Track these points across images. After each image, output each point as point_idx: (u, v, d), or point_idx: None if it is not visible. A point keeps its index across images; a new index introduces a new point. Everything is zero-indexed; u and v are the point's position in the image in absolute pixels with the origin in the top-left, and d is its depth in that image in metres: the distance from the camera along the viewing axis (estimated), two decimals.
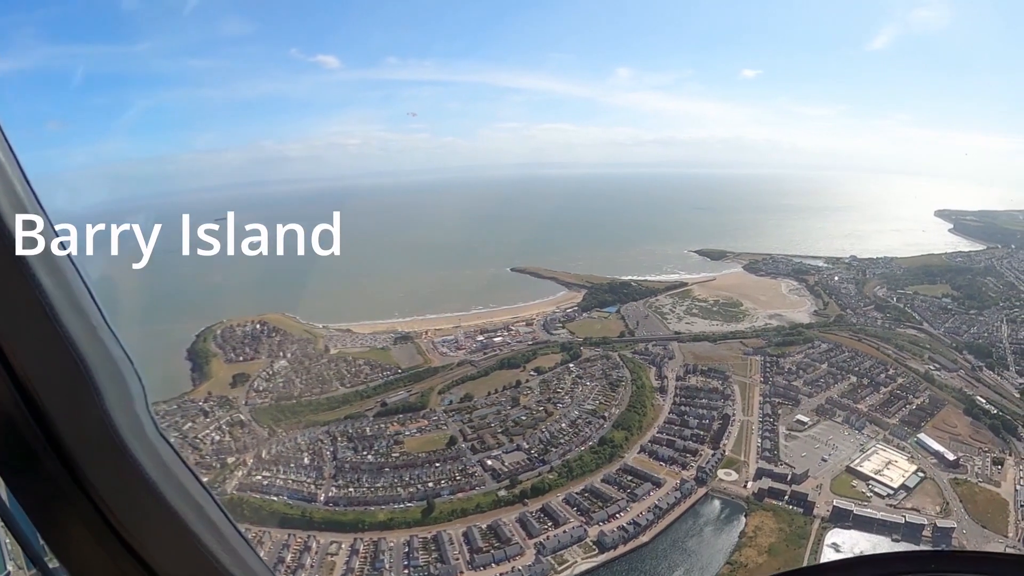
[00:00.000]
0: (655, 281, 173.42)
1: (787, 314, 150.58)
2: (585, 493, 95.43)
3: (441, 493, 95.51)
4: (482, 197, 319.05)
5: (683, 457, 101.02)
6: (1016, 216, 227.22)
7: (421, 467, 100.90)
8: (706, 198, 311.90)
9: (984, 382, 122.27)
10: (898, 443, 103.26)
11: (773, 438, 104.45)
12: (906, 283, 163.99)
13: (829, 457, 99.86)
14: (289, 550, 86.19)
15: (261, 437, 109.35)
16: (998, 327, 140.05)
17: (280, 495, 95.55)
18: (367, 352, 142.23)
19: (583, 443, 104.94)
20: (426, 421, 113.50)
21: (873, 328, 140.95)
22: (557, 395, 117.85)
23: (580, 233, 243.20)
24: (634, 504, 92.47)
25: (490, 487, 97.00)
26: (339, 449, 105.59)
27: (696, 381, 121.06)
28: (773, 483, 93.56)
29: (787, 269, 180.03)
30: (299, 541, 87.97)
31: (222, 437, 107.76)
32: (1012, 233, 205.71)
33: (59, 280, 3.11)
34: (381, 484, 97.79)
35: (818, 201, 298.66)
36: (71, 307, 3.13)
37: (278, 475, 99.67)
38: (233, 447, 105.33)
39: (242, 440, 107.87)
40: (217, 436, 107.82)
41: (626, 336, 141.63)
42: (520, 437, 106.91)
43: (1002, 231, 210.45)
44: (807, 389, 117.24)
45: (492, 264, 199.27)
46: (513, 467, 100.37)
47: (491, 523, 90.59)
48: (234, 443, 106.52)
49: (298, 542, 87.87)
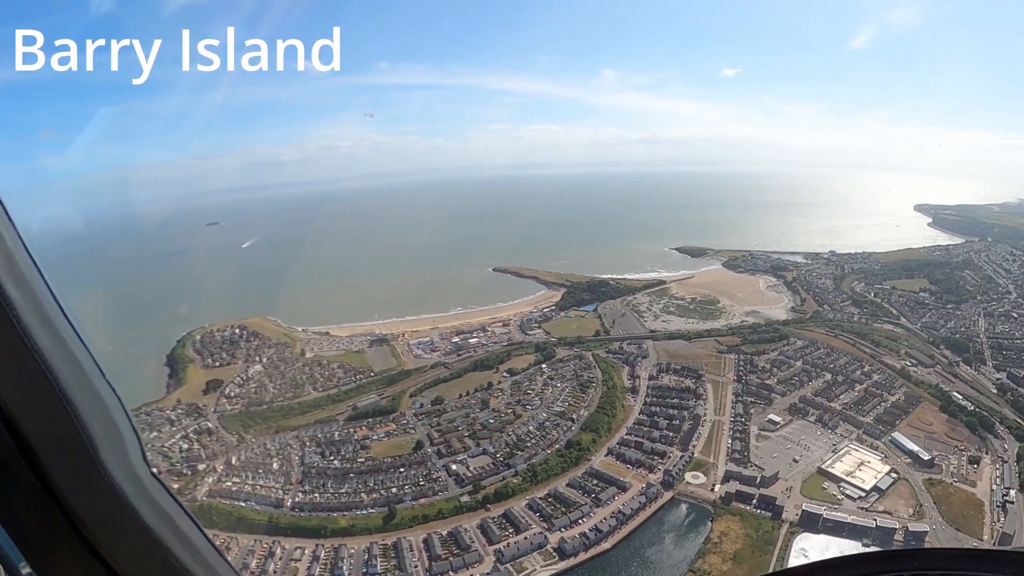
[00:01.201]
0: (634, 279, 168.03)
1: (764, 311, 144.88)
2: (549, 498, 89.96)
3: (404, 499, 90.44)
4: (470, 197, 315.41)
5: (651, 460, 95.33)
6: (994, 210, 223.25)
7: (386, 472, 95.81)
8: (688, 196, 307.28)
9: (961, 377, 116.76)
10: (872, 442, 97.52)
11: (744, 439, 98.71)
12: (884, 278, 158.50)
13: (800, 458, 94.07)
14: (254, 556, 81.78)
15: (229, 444, 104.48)
16: (975, 321, 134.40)
17: (248, 501, 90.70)
18: (342, 355, 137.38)
19: (550, 446, 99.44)
20: (394, 425, 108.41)
21: (850, 324, 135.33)
22: (527, 397, 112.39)
23: (564, 232, 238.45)
24: (598, 509, 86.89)
25: (453, 492, 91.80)
26: (307, 454, 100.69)
27: (669, 380, 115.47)
28: (741, 486, 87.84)
29: (766, 265, 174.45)
30: (264, 547, 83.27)
31: (190, 446, 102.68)
32: (990, 226, 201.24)
33: (27, 293, 3.02)
34: (345, 490, 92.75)
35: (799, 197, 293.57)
36: (40, 320, 3.05)
37: (246, 481, 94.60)
38: (201, 455, 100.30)
39: (210, 448, 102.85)
40: (184, 445, 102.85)
41: (601, 335, 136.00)
42: (487, 441, 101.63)
43: (980, 224, 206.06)
44: (781, 387, 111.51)
45: (475, 264, 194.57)
46: (478, 472, 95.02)
47: (452, 529, 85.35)
48: (202, 451, 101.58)
49: (263, 548, 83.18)
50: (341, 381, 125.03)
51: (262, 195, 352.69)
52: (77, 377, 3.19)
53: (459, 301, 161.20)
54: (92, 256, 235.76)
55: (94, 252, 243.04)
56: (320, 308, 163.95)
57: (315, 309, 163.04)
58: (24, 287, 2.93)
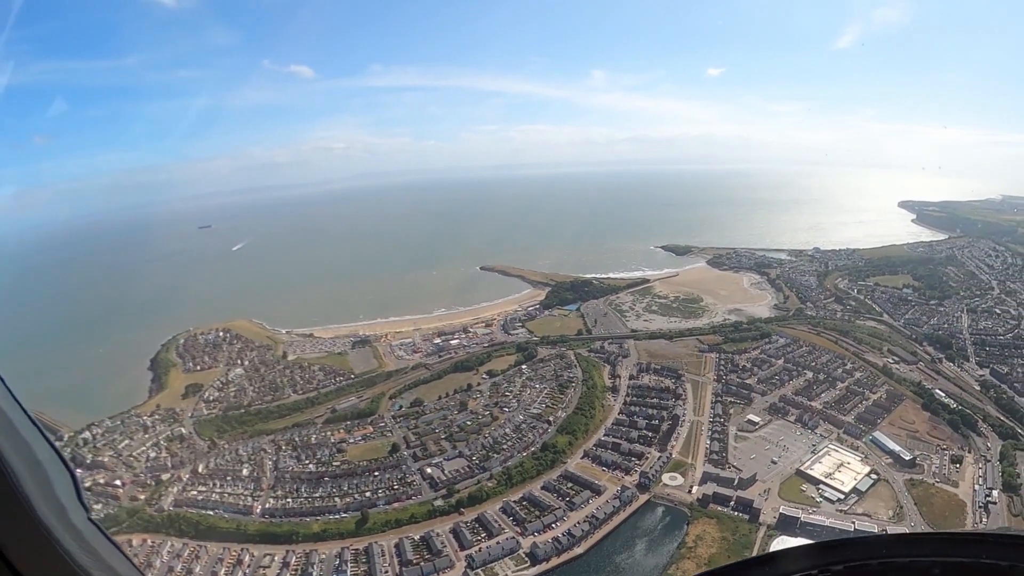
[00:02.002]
0: (618, 278, 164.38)
1: (747, 308, 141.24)
2: (523, 502, 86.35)
3: (377, 503, 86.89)
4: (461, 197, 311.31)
5: (628, 461, 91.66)
6: (977, 206, 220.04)
7: (360, 476, 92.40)
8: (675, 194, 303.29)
9: (944, 374, 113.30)
10: (852, 442, 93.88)
11: (723, 439, 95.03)
12: (867, 274, 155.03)
13: (779, 459, 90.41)
14: (223, 564, 78.05)
15: (200, 451, 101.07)
16: (958, 317, 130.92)
17: (216, 509, 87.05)
18: (324, 357, 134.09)
19: (526, 449, 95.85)
20: (371, 428, 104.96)
21: (832, 321, 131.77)
22: (505, 398, 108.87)
23: (552, 231, 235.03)
24: (572, 513, 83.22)
25: (427, 496, 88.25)
26: (281, 459, 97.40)
27: (649, 380, 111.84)
28: (718, 488, 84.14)
29: (750, 263, 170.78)
30: (233, 555, 79.67)
31: (158, 453, 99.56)
32: (973, 222, 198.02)
33: None
34: (319, 494, 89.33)
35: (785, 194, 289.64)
36: None
37: (214, 489, 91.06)
38: (168, 463, 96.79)
39: (179, 455, 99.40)
40: (153, 453, 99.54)
41: (583, 335, 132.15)
42: (463, 443, 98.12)
43: (964, 220, 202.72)
44: (761, 387, 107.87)
45: (463, 263, 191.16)
46: (452, 475, 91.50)
47: (424, 534, 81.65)
48: (170, 459, 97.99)
49: (232, 556, 79.58)
50: (321, 383, 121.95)
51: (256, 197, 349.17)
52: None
53: (445, 301, 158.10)
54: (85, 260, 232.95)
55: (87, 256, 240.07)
56: (306, 310, 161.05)
57: (301, 311, 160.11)
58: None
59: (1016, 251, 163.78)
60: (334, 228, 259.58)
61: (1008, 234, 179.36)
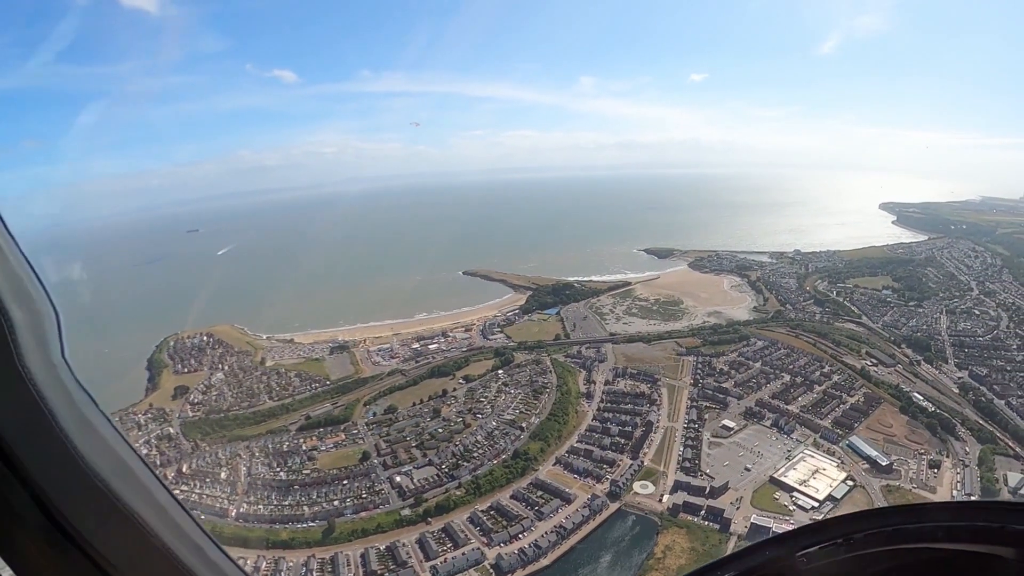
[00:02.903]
0: (599, 281, 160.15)
1: (726, 311, 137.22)
2: (491, 511, 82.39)
3: (344, 512, 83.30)
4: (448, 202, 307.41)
5: (599, 469, 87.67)
6: (957, 207, 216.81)
7: (329, 485, 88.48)
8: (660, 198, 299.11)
9: (922, 377, 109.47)
10: (828, 447, 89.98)
11: (696, 446, 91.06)
12: (847, 276, 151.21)
13: (753, 466, 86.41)
14: None
15: (185, 451, 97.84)
16: (937, 318, 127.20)
17: (195, 510, 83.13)
18: (301, 363, 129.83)
19: (497, 456, 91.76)
20: (343, 435, 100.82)
21: (811, 323, 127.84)
22: (479, 405, 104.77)
23: (537, 234, 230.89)
24: (540, 523, 79.30)
25: (394, 505, 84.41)
26: (255, 465, 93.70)
27: (624, 385, 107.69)
28: (689, 497, 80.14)
29: (731, 265, 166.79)
30: None
31: (150, 451, 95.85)
32: (953, 223, 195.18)
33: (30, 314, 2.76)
34: (288, 502, 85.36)
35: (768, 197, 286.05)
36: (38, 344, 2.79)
37: (194, 489, 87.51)
38: (158, 461, 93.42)
39: (167, 454, 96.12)
40: (146, 450, 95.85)
41: (561, 339, 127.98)
42: (434, 451, 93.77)
43: (943, 222, 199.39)
44: (737, 391, 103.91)
45: (447, 267, 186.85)
46: (421, 484, 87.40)
47: (390, 544, 77.74)
48: (159, 457, 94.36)
49: None
50: (296, 390, 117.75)
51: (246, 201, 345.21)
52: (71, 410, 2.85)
53: (426, 305, 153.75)
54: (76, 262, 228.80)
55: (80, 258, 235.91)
56: (288, 315, 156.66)
57: (283, 316, 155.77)
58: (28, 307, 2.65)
59: (995, 251, 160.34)
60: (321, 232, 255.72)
61: (987, 234, 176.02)
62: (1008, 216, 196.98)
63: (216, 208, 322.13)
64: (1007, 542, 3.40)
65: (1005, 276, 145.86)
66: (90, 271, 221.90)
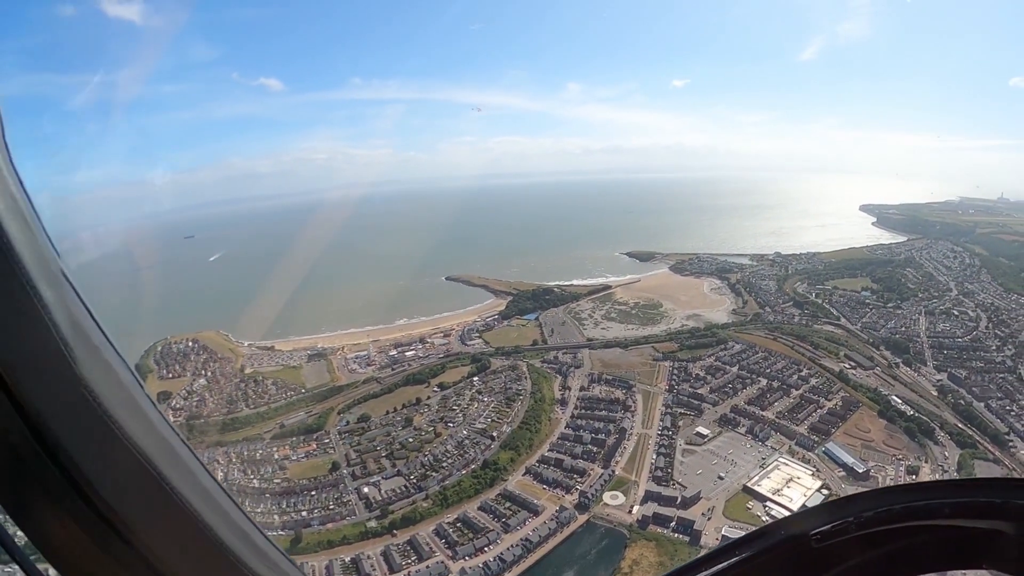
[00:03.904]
0: (580, 285, 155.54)
1: (705, 314, 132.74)
2: (457, 523, 78.03)
3: (311, 523, 79.21)
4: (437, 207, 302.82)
5: (569, 479, 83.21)
6: (936, 208, 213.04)
7: (299, 495, 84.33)
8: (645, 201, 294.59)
9: (901, 380, 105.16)
10: (804, 454, 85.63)
11: (670, 454, 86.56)
12: (827, 277, 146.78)
13: (726, 474, 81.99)
14: None
15: None
16: (916, 320, 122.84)
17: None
18: (279, 371, 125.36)
19: (466, 466, 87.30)
20: (315, 445, 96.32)
21: (790, 326, 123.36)
22: (452, 413, 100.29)
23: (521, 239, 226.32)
24: (506, 536, 74.97)
25: (361, 517, 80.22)
26: (231, 471, 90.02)
27: (600, 391, 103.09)
28: (659, 508, 75.57)
29: (712, 268, 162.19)
30: None
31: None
32: (932, 224, 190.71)
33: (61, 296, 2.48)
34: (260, 511, 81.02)
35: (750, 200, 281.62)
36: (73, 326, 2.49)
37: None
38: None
39: None
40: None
41: (538, 344, 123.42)
42: (403, 461, 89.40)
43: (923, 223, 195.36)
44: (713, 396, 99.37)
45: (430, 273, 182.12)
46: (389, 495, 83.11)
47: (354, 556, 73.80)
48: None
49: None
50: (272, 398, 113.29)
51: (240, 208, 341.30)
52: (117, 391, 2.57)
53: (407, 311, 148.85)
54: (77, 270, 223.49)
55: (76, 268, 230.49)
56: (272, 321, 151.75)
57: (268, 322, 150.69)
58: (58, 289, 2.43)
59: (974, 251, 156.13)
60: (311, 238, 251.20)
61: (966, 235, 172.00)
62: (987, 216, 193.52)
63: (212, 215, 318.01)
64: (1009, 517, 3.42)
65: (984, 276, 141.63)
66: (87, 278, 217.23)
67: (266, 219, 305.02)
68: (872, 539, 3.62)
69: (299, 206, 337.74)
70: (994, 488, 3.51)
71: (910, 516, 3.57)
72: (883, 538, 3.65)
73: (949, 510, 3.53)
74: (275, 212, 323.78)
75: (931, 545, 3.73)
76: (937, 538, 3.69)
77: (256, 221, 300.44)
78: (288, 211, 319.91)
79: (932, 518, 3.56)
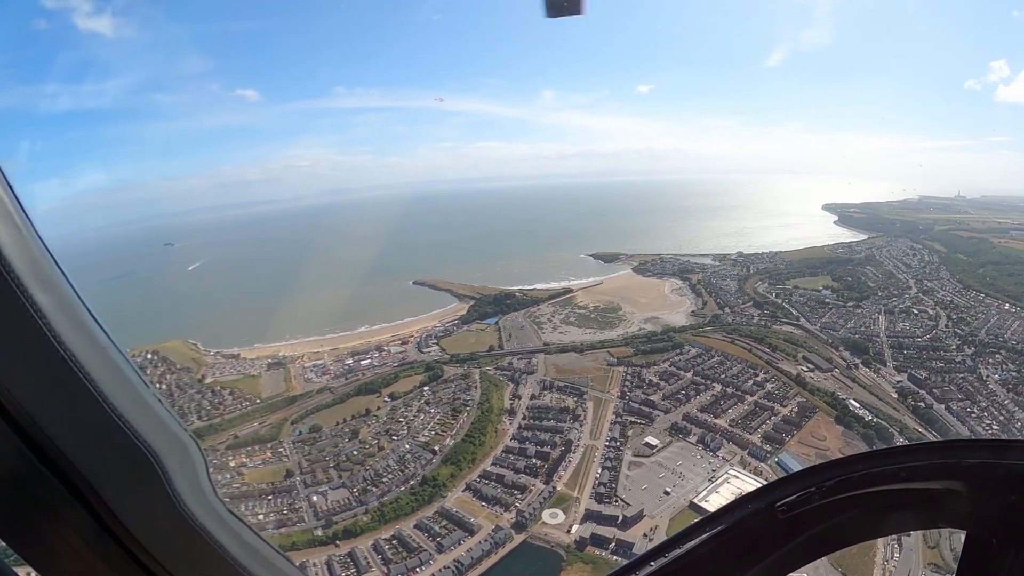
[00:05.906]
0: (541, 289, 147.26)
1: (664, 316, 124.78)
2: (392, 540, 70.86)
3: (266, 527, 73.66)
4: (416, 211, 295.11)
5: (509, 496, 75.66)
6: (896, 206, 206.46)
7: (256, 499, 79.40)
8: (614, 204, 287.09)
9: (860, 382, 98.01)
10: (756, 466, 78.11)
11: (616, 467, 78.80)
12: (788, 277, 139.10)
13: (673, 488, 74.44)
14: None
15: None
16: (876, 319, 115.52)
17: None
18: (238, 380, 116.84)
19: (406, 482, 79.70)
20: (270, 453, 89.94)
21: (748, 327, 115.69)
22: (398, 425, 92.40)
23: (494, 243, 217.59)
24: (439, 556, 67.74)
25: (310, 524, 75.00)
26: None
27: (551, 399, 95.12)
28: (598, 528, 67.95)
29: (674, 268, 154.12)
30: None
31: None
32: (892, 222, 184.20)
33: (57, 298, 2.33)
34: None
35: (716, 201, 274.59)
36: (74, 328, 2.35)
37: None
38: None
39: None
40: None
41: (495, 350, 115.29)
42: (348, 473, 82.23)
43: (883, 220, 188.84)
44: (665, 403, 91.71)
45: (398, 277, 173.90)
46: (334, 506, 76.93)
47: (301, 563, 66.53)
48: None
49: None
50: (227, 409, 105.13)
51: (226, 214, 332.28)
52: (125, 391, 2.38)
53: (369, 317, 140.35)
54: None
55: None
56: (242, 329, 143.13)
57: (237, 330, 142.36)
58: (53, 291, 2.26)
59: (933, 248, 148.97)
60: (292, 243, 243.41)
61: (925, 232, 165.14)
62: (944, 213, 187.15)
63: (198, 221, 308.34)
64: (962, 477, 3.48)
65: (943, 273, 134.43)
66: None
67: (250, 225, 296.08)
68: (834, 506, 3.59)
69: (284, 212, 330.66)
70: (947, 450, 3.52)
71: (868, 482, 3.55)
72: (845, 505, 3.60)
73: (905, 474, 3.53)
74: (260, 218, 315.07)
75: (890, 508, 3.73)
76: (895, 502, 3.69)
77: (240, 228, 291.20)
78: (272, 217, 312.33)
79: (890, 483, 3.55)
